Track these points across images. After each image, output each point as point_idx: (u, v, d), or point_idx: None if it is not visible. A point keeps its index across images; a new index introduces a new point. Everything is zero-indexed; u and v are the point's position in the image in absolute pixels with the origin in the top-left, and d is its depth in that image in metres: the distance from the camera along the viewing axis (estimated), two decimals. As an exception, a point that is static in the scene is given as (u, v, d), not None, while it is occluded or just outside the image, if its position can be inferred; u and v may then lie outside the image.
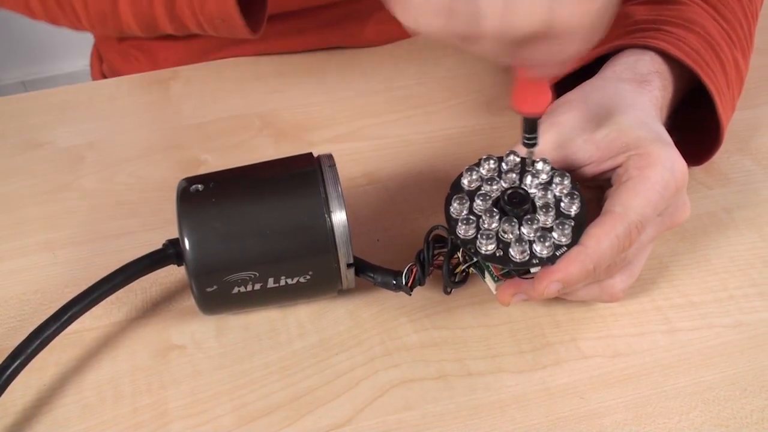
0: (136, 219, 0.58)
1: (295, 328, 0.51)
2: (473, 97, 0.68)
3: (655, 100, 0.52)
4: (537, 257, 0.44)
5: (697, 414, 0.46)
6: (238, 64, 0.72)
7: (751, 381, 0.47)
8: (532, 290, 0.45)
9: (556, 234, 0.45)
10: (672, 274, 0.53)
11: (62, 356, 0.49)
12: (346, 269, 0.47)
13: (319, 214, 0.46)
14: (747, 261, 0.54)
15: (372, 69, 0.71)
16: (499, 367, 0.48)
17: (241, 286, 0.46)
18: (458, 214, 0.46)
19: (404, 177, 0.60)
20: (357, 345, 0.50)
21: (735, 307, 0.51)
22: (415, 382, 0.48)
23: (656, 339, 0.49)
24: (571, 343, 0.49)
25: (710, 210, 0.57)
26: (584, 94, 0.51)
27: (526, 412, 0.46)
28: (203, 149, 0.64)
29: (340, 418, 0.46)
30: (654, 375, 0.47)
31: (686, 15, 0.55)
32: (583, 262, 0.44)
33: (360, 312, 0.51)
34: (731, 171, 0.60)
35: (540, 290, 0.45)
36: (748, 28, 0.58)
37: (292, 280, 0.47)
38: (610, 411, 0.46)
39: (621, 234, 0.44)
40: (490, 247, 0.45)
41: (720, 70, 0.54)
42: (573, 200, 0.46)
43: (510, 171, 0.48)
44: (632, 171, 0.46)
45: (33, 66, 1.92)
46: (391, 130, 0.65)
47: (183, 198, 0.47)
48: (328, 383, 0.48)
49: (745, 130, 0.63)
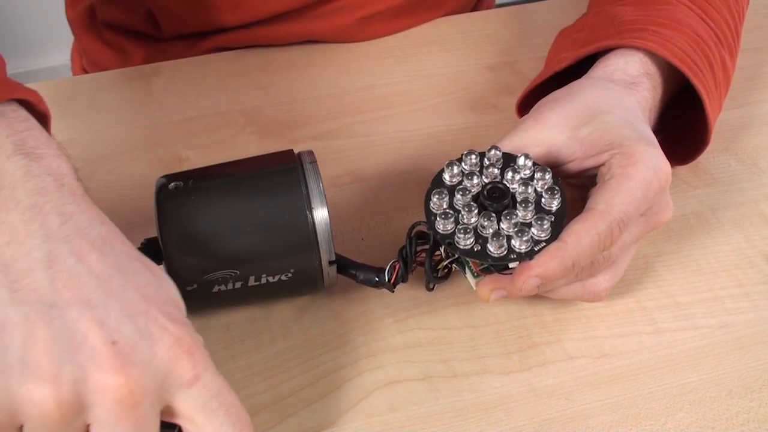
0: (116, 217, 0.56)
1: (279, 329, 0.50)
2: (458, 95, 0.67)
3: (643, 102, 0.52)
4: (515, 252, 0.44)
5: (683, 415, 0.45)
6: (221, 60, 0.71)
7: (737, 382, 0.47)
8: (511, 286, 0.45)
9: (535, 230, 0.44)
10: (658, 275, 0.53)
11: (40, 357, 0.48)
12: (328, 267, 0.47)
13: (300, 211, 0.45)
14: (732, 261, 0.54)
15: (357, 66, 0.71)
16: (485, 369, 0.48)
17: (221, 284, 0.46)
18: (437, 208, 0.46)
19: (389, 175, 0.60)
20: (341, 345, 0.49)
21: (720, 307, 0.51)
22: (400, 384, 0.47)
23: (642, 340, 0.49)
24: (557, 344, 0.49)
25: (696, 210, 0.57)
26: (571, 92, 0.51)
27: (512, 413, 0.46)
28: (185, 146, 0.63)
29: (325, 420, 0.45)
30: (640, 376, 0.47)
31: (674, 15, 0.55)
32: (561, 258, 0.44)
33: (344, 312, 0.51)
34: (717, 171, 0.60)
35: (518, 285, 0.44)
36: (735, 28, 0.58)
37: (273, 278, 0.46)
38: (596, 412, 0.46)
39: (602, 231, 0.44)
40: (468, 242, 0.44)
41: (708, 70, 0.54)
42: (554, 196, 0.46)
43: (491, 166, 0.47)
44: (615, 169, 0.46)
45: (13, 60, 1.88)
46: (375, 127, 0.64)
47: (161, 195, 0.46)
48: (312, 384, 0.47)
49: (731, 130, 0.63)
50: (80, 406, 0.35)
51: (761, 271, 0.53)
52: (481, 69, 0.70)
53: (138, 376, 0.35)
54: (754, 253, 0.54)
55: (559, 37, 0.63)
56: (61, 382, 0.34)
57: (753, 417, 0.45)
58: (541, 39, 0.66)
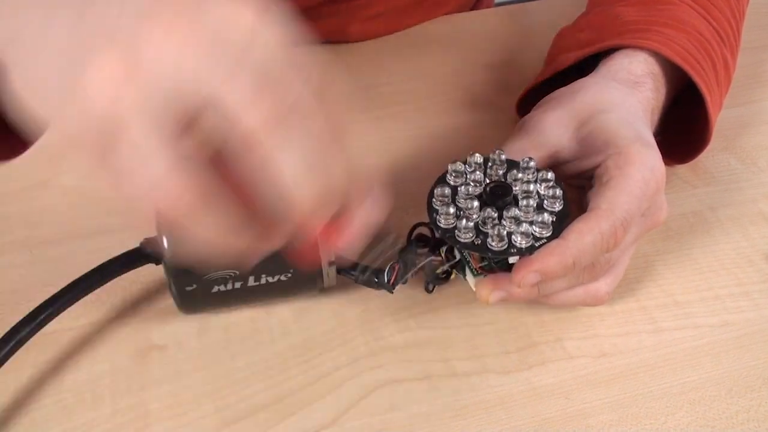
0: (116, 217, 0.57)
1: (278, 328, 0.50)
2: (458, 95, 0.67)
3: (645, 102, 0.51)
4: (515, 247, 0.44)
5: (682, 414, 0.45)
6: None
7: (737, 381, 0.47)
8: (511, 284, 0.45)
9: (536, 227, 0.45)
10: (658, 274, 0.53)
11: (40, 357, 0.48)
12: (328, 267, 0.47)
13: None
14: (732, 260, 0.54)
15: (356, 66, 0.70)
16: (485, 368, 0.48)
17: (221, 284, 0.46)
18: (440, 204, 0.46)
19: (388, 174, 0.60)
20: (341, 345, 0.49)
21: (721, 306, 0.51)
22: (400, 383, 0.47)
23: (642, 339, 0.49)
24: (556, 344, 0.49)
25: (696, 209, 0.57)
26: (573, 91, 0.51)
27: (512, 412, 0.46)
28: (185, 146, 0.63)
29: (324, 419, 0.45)
30: (640, 375, 0.47)
31: (677, 15, 0.55)
32: (562, 255, 0.43)
33: (344, 311, 0.51)
34: (717, 170, 0.60)
35: (517, 280, 0.44)
36: (737, 26, 0.58)
37: (273, 278, 0.46)
38: (596, 411, 0.46)
39: (606, 231, 0.44)
40: (469, 235, 0.44)
41: (711, 69, 0.54)
42: (556, 197, 0.46)
43: (495, 167, 0.48)
44: (612, 171, 0.46)
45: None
46: (375, 127, 0.64)
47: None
48: (311, 384, 0.47)
49: (731, 128, 0.63)
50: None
51: (761, 269, 0.53)
52: (480, 68, 0.70)
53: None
54: (754, 252, 0.54)
55: (558, 36, 0.63)
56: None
57: (753, 416, 0.45)
58: (540, 38, 0.66)
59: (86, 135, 0.32)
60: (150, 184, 0.32)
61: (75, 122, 0.32)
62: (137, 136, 0.31)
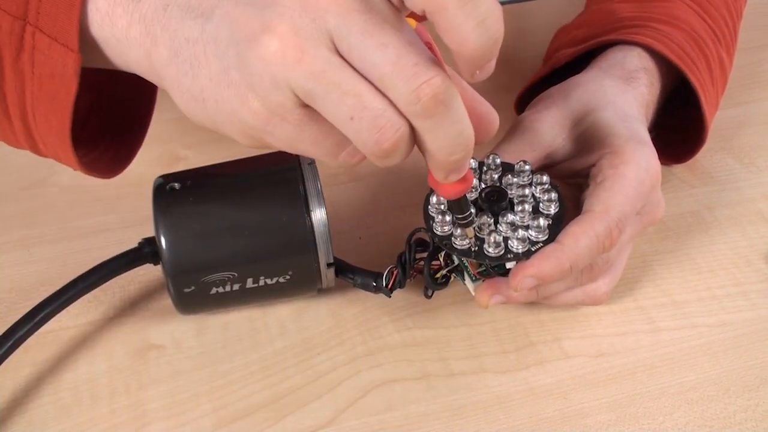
0: (114, 216, 0.57)
1: (276, 328, 0.50)
2: (457, 94, 0.67)
3: (640, 98, 0.51)
4: (512, 253, 0.44)
5: (680, 414, 0.45)
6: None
7: (735, 381, 0.47)
8: (508, 289, 0.45)
9: (532, 231, 0.44)
10: (655, 274, 0.53)
11: (38, 356, 0.48)
12: (326, 269, 0.47)
13: (298, 212, 0.45)
14: (730, 260, 0.54)
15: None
16: (482, 367, 0.48)
17: (219, 286, 0.46)
18: (436, 211, 0.46)
19: (386, 174, 0.60)
20: (339, 345, 0.49)
21: (718, 306, 0.51)
22: (398, 383, 0.47)
23: (639, 339, 0.49)
24: (554, 343, 0.49)
25: (693, 209, 0.57)
26: (567, 89, 0.51)
27: (510, 412, 0.46)
28: (183, 144, 0.63)
29: (322, 419, 0.45)
30: (638, 375, 0.47)
31: (672, 12, 0.55)
32: (558, 259, 0.43)
33: (342, 311, 0.51)
34: (714, 170, 0.60)
35: (514, 285, 0.44)
36: (733, 25, 0.58)
37: (271, 280, 0.46)
38: (594, 411, 0.46)
39: (601, 233, 0.44)
40: (466, 242, 0.44)
41: (705, 68, 0.54)
42: (552, 200, 0.46)
43: (490, 172, 0.47)
44: (607, 170, 0.46)
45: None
46: (373, 126, 0.64)
47: (159, 196, 0.46)
48: (309, 383, 0.47)
49: (729, 128, 0.63)
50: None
51: (759, 269, 0.53)
52: (479, 67, 0.70)
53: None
54: (752, 252, 0.54)
55: (556, 34, 0.63)
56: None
57: (751, 416, 0.45)
58: (539, 37, 0.66)
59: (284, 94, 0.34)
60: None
61: (271, 95, 0.34)
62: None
